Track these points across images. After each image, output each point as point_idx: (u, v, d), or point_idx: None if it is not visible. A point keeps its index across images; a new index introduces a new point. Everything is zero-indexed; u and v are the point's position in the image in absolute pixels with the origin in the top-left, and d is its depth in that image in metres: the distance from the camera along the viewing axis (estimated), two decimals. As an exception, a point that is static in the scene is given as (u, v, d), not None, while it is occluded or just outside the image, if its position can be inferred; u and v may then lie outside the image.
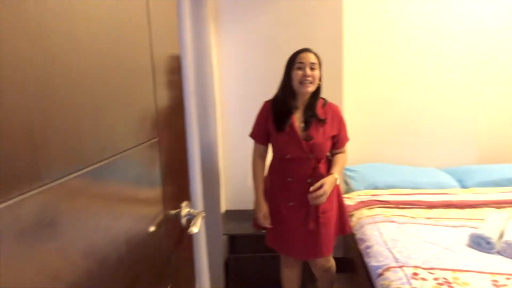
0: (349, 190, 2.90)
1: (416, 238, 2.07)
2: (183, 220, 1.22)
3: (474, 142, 3.12)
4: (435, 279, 1.67)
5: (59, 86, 0.59)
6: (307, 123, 1.94)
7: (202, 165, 2.18)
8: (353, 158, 3.10)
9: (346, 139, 2.08)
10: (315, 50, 1.96)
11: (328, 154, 2.05)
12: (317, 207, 1.95)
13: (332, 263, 2.20)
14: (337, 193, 2.08)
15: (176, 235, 1.23)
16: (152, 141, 1.01)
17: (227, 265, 2.60)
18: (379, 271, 1.82)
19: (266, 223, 2.05)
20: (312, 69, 1.90)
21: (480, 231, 2.00)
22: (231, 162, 2.85)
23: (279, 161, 2.03)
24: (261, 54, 2.71)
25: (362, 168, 2.98)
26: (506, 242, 1.89)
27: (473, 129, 3.11)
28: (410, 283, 1.64)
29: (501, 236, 1.98)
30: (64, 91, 0.60)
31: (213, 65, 2.27)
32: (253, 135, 2.11)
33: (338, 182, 2.01)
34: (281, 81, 2.01)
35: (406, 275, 1.71)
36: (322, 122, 1.95)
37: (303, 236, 1.99)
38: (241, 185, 2.86)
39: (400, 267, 1.78)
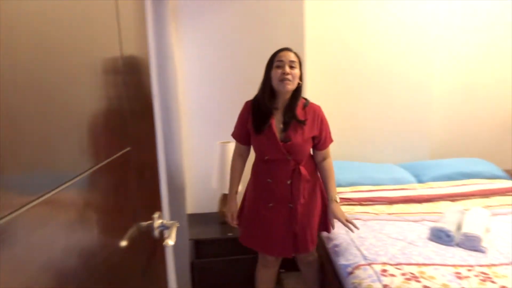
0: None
1: (381, 234, 2.13)
2: (156, 232, 1.16)
3: (427, 139, 3.27)
4: (403, 274, 1.72)
5: (24, 88, 0.52)
6: (286, 124, 1.92)
7: (167, 169, 2.11)
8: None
9: (329, 140, 2.06)
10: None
11: (311, 154, 2.06)
12: (297, 210, 1.96)
13: (315, 256, 2.23)
14: (320, 192, 2.08)
15: (149, 248, 1.17)
16: (124, 151, 0.94)
17: (193, 270, 2.54)
18: (349, 269, 1.85)
19: (233, 223, 2.07)
20: (291, 67, 1.87)
21: (440, 224, 2.09)
22: (193, 165, 2.78)
23: (259, 162, 2.03)
24: (222, 54, 2.67)
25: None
26: (464, 235, 1.98)
27: (425, 127, 3.25)
28: (380, 280, 1.68)
29: (459, 228, 2.08)
30: (30, 96, 0.53)
31: (175, 66, 2.19)
32: (234, 134, 2.10)
33: (338, 200, 2.03)
34: (261, 81, 1.98)
35: (375, 272, 1.74)
36: (301, 123, 1.92)
37: (284, 236, 2.00)
38: (203, 188, 2.80)
39: (369, 264, 1.82)
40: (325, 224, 2.11)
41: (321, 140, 2.01)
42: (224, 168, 2.56)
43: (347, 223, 1.97)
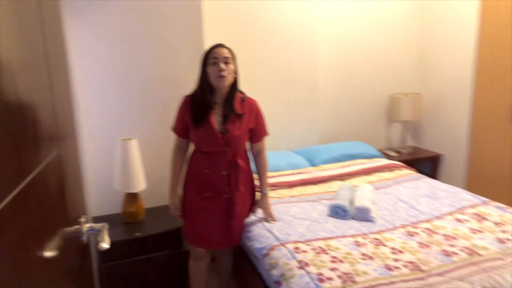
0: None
1: (288, 216, 2.30)
2: (85, 237, 1.10)
3: (315, 127, 3.58)
4: (313, 249, 1.91)
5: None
6: (225, 117, 2.02)
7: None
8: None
9: (264, 132, 2.19)
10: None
11: (248, 148, 2.19)
12: (233, 201, 2.06)
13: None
14: (250, 181, 2.20)
15: (79, 255, 1.10)
16: (53, 155, 0.87)
17: (101, 275, 2.40)
18: (264, 251, 1.97)
19: (176, 214, 2.15)
20: (226, 63, 1.96)
21: (336, 201, 2.35)
22: (93, 164, 2.60)
23: (197, 153, 2.11)
24: (118, 50, 2.56)
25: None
26: (357, 208, 2.27)
27: (313, 116, 3.54)
28: (295, 257, 1.84)
29: (351, 203, 2.37)
30: None
31: (69, 62, 2.02)
32: (174, 129, 2.16)
33: (269, 194, 2.24)
34: (198, 77, 2.04)
35: (289, 251, 1.90)
36: (239, 116, 2.03)
37: (217, 226, 2.08)
38: (105, 188, 2.64)
39: (282, 244, 1.97)
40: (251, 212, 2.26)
41: (256, 132, 2.14)
42: (127, 166, 2.46)
43: (270, 215, 2.18)
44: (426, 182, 2.77)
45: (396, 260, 1.81)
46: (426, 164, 3.79)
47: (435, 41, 3.69)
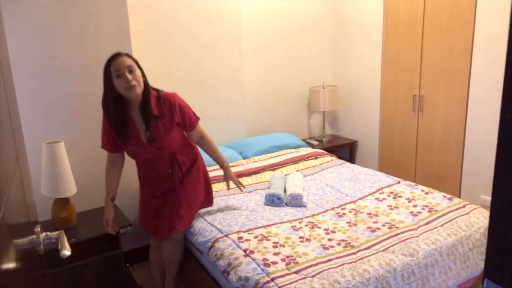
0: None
1: (227, 208, 2.39)
2: (42, 246, 1.08)
3: (243, 120, 3.70)
4: (255, 237, 2.03)
5: None
6: (146, 123, 1.98)
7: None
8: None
9: (195, 119, 2.15)
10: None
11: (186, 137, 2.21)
12: (179, 193, 2.14)
13: (183, 234, 2.30)
14: (202, 170, 2.26)
15: (35, 265, 1.07)
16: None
17: None
18: (209, 244, 2.04)
19: (109, 229, 2.11)
20: (131, 72, 1.88)
21: (271, 191, 2.50)
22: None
23: (138, 162, 2.17)
24: (42, 49, 2.41)
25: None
26: (290, 195, 2.44)
27: (241, 111, 3.66)
28: (239, 246, 1.94)
29: (285, 191, 2.53)
30: None
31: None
32: (103, 146, 2.11)
33: (228, 165, 2.34)
34: (103, 93, 1.93)
35: (233, 241, 1.99)
36: (159, 118, 1.99)
37: (167, 215, 2.15)
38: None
39: (226, 235, 2.06)
40: (209, 200, 2.35)
41: (186, 124, 2.12)
42: (54, 170, 2.33)
43: (238, 183, 2.35)
44: (347, 167, 3.05)
45: (330, 239, 2.00)
46: (344, 150, 4.14)
47: (348, 38, 4.02)
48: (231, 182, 2.41)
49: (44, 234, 1.07)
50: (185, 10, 3.20)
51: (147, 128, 1.98)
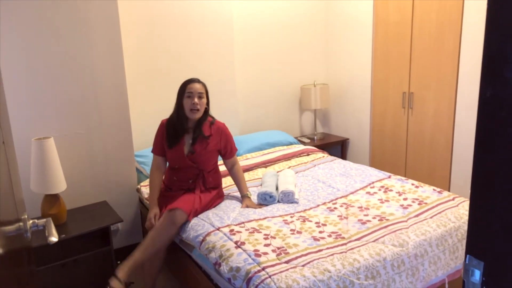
0: (143, 178, 2.96)
1: (220, 204, 2.40)
2: (29, 234, 1.07)
3: (236, 118, 3.71)
4: (247, 230, 2.03)
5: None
6: (194, 140, 2.34)
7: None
8: (139, 142, 3.17)
9: (234, 150, 2.52)
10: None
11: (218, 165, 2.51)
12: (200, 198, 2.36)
13: None
14: (220, 195, 2.51)
15: (24, 253, 1.07)
16: None
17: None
18: (200, 238, 2.04)
19: (154, 222, 2.25)
20: (200, 98, 2.28)
21: (263, 189, 2.49)
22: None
23: (169, 168, 2.45)
24: (33, 46, 2.40)
25: (149, 151, 3.07)
26: (282, 192, 2.44)
27: (234, 109, 3.68)
28: (231, 239, 1.94)
29: (277, 188, 2.54)
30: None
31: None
32: (153, 150, 2.44)
33: (250, 196, 2.46)
34: (175, 106, 2.35)
35: (225, 234, 1.99)
36: (206, 138, 2.36)
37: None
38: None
39: (218, 229, 2.06)
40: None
41: (227, 151, 2.47)
42: (44, 167, 2.32)
43: (258, 207, 2.38)
44: (339, 163, 3.07)
45: (321, 232, 2.01)
46: (336, 148, 4.16)
47: (338, 37, 4.05)
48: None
49: (31, 221, 1.07)
50: (176, 10, 3.21)
51: (193, 143, 2.33)
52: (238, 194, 2.54)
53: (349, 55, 3.97)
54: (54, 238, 1.03)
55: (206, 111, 2.38)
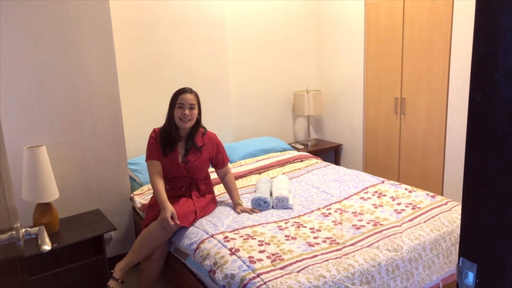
0: (137, 186, 2.94)
1: (213, 212, 2.39)
2: (22, 242, 1.06)
3: (229, 125, 3.72)
4: (241, 236, 2.03)
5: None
6: (187, 150, 2.36)
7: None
8: (132, 149, 3.15)
9: (226, 159, 2.54)
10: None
11: (209, 174, 2.52)
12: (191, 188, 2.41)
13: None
14: (214, 200, 2.51)
15: (16, 271, 1.05)
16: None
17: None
18: (194, 246, 2.03)
19: (174, 220, 2.16)
20: (191, 108, 2.28)
21: (257, 195, 2.49)
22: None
23: (164, 176, 2.39)
24: (24, 53, 2.39)
25: (143, 158, 3.07)
26: (276, 198, 2.44)
27: (227, 116, 3.69)
28: (225, 246, 1.93)
29: (271, 194, 2.54)
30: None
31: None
32: (148, 156, 2.36)
33: (242, 204, 2.45)
34: (166, 115, 2.36)
35: (219, 241, 1.99)
36: (199, 149, 2.38)
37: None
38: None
39: (212, 236, 2.05)
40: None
41: (219, 161, 2.49)
42: (36, 175, 2.29)
43: (252, 211, 2.38)
44: (332, 168, 3.08)
45: (315, 237, 2.01)
46: (329, 154, 4.17)
47: (330, 43, 4.09)
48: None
49: (24, 229, 1.06)
50: (169, 13, 3.22)
51: (186, 153, 2.35)
52: (228, 200, 2.54)
53: (341, 61, 4.00)
54: (47, 247, 1.02)
55: (198, 121, 2.38)
